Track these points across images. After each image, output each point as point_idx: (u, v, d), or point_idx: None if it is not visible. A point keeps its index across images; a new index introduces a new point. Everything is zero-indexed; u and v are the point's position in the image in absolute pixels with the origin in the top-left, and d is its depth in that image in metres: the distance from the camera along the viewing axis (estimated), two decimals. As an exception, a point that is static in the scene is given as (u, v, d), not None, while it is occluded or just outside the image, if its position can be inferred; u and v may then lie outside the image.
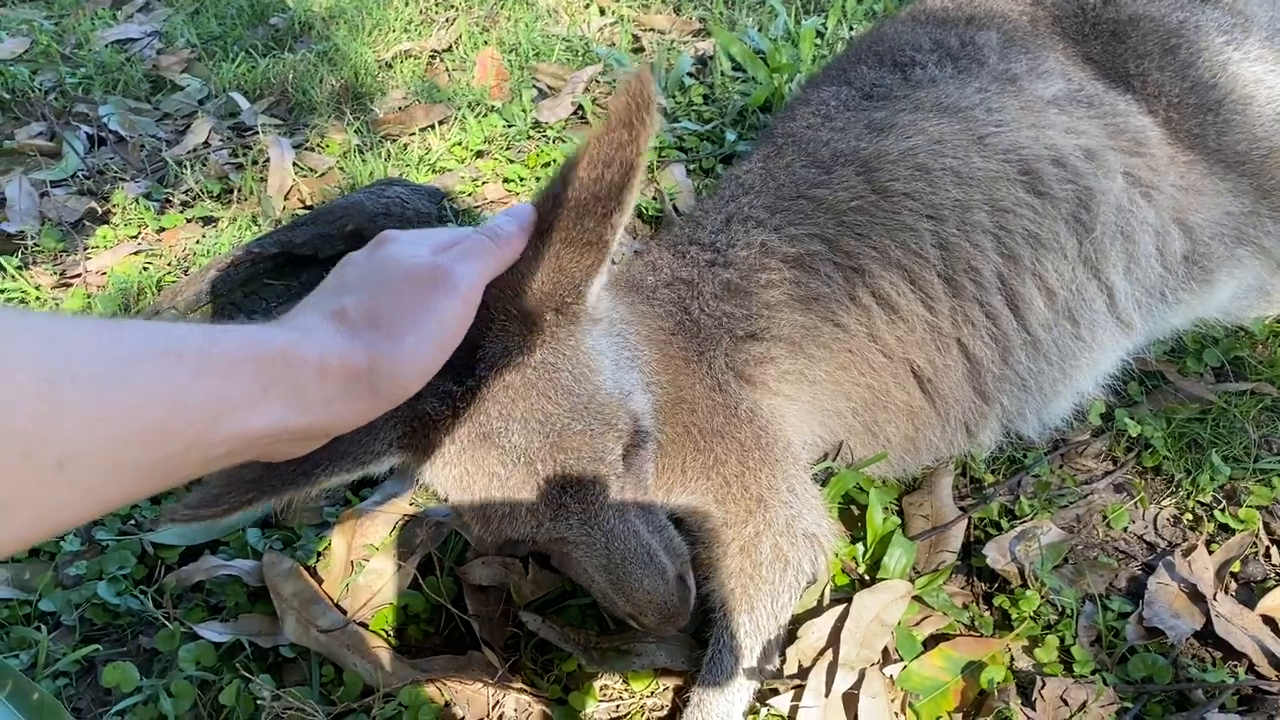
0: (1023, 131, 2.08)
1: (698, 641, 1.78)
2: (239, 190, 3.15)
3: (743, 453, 1.79)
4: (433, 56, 3.96)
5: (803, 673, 1.72)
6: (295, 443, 1.11)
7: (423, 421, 1.41)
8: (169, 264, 2.87)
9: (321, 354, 1.06)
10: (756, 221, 2.01)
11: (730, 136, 3.14)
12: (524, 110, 3.37)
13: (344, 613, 1.86)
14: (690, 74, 3.51)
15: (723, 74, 3.48)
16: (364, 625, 1.85)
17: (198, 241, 2.93)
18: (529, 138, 3.30)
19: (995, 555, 1.90)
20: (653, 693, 1.76)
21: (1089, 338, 2.06)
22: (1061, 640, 1.77)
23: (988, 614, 1.85)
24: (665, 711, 1.74)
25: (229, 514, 1.30)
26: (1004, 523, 2.00)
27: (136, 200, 3.11)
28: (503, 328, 1.42)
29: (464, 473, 1.45)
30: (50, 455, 0.79)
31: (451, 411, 1.41)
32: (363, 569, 1.92)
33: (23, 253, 2.93)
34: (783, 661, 1.75)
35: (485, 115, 3.38)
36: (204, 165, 3.32)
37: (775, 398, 1.88)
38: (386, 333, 1.13)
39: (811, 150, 2.11)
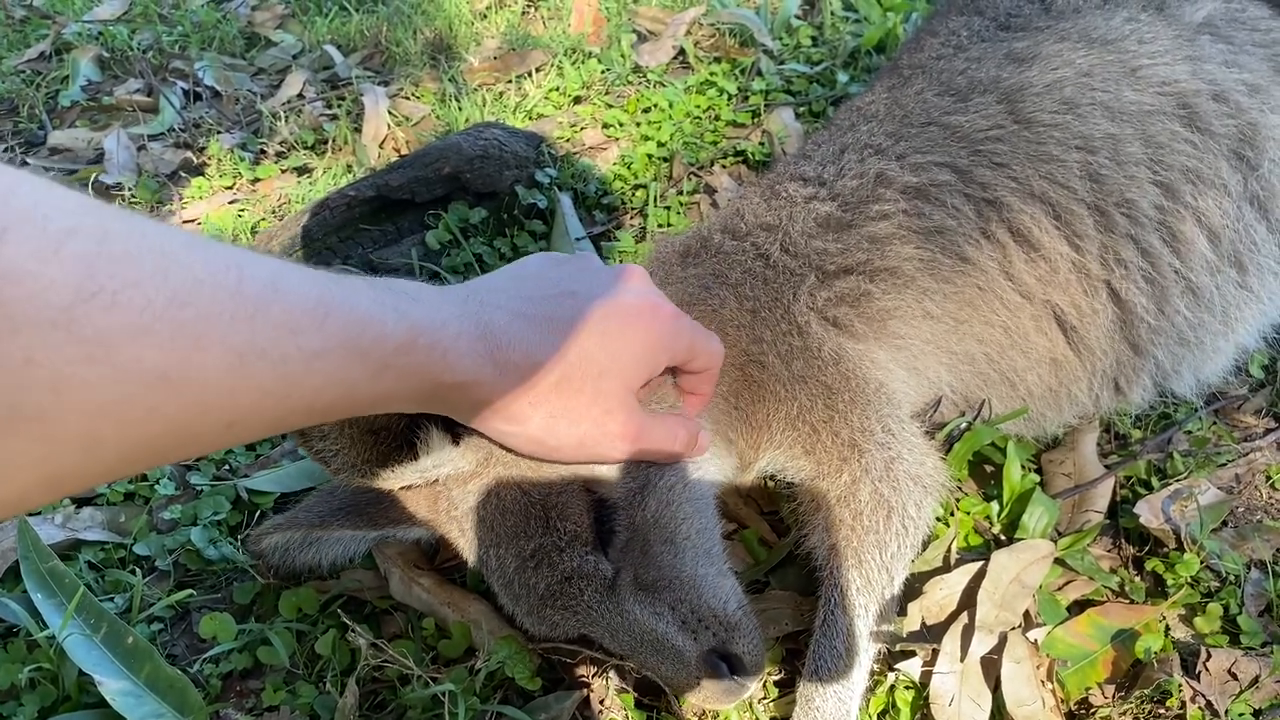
0: (1178, 65, 1.89)
1: (808, 598, 1.65)
2: (333, 140, 3.09)
3: (829, 396, 1.65)
4: (527, 5, 3.86)
5: (930, 632, 1.58)
6: None
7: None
8: (264, 212, 2.83)
9: (504, 399, 1.17)
10: (875, 149, 1.86)
11: (842, 78, 2.97)
12: (623, 55, 3.24)
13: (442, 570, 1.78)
14: (797, 15, 3.33)
15: (832, 14, 3.30)
16: (463, 584, 1.76)
17: (293, 190, 2.88)
18: (629, 83, 3.17)
19: (1148, 515, 1.72)
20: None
21: (1257, 286, 1.86)
22: (1225, 609, 1.60)
23: (1138, 579, 1.68)
24: (780, 675, 1.61)
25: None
26: (1154, 482, 1.82)
27: (231, 151, 3.08)
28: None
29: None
30: (223, 418, 0.83)
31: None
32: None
33: (120, 203, 2.91)
34: (904, 617, 1.60)
35: (583, 61, 3.26)
36: (298, 116, 3.27)
37: (865, 342, 1.73)
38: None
39: (945, 79, 1.95)
